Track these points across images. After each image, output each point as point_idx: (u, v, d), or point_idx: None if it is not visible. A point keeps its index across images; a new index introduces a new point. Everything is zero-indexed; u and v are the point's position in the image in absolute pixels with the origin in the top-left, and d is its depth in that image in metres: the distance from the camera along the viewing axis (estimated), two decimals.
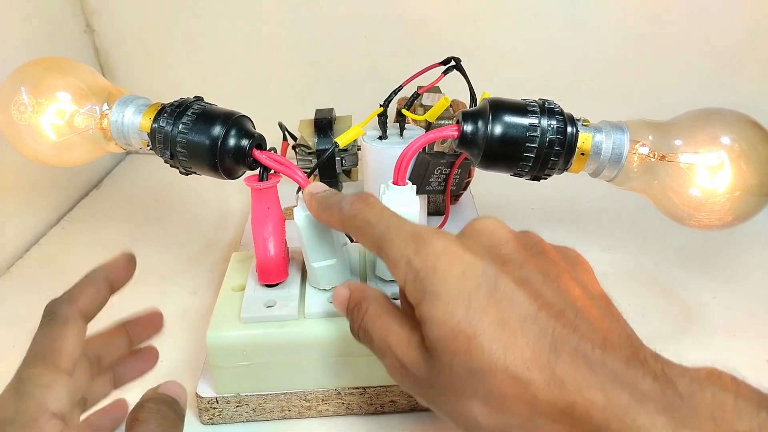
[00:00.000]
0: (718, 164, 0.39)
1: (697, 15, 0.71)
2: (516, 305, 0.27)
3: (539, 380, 0.25)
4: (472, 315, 0.27)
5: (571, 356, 0.25)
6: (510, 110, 0.39)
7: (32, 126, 0.44)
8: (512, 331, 0.26)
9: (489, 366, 0.26)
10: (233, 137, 0.41)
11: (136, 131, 0.44)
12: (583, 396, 0.24)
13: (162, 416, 0.32)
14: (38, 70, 0.46)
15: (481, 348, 0.26)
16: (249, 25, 0.75)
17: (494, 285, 0.28)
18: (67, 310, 0.34)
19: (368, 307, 0.33)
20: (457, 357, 0.27)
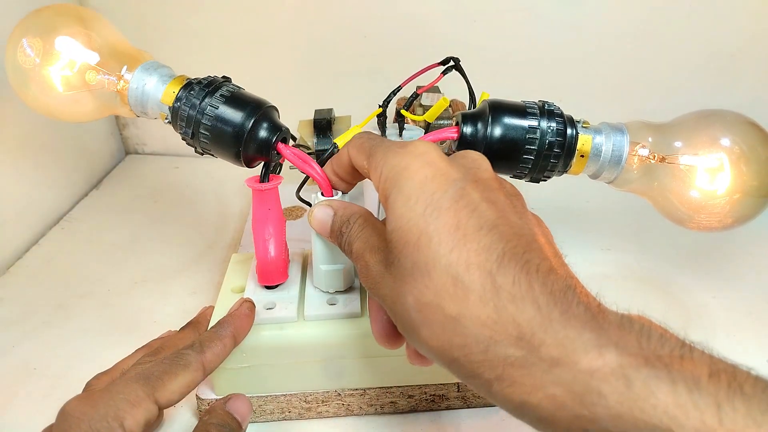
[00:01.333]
0: (718, 166, 0.39)
1: (696, 15, 0.70)
2: (476, 215, 0.27)
3: (476, 284, 0.26)
4: (430, 213, 0.28)
5: (514, 270, 0.26)
6: (509, 112, 0.39)
7: (41, 75, 0.42)
8: (464, 235, 0.27)
9: (431, 261, 0.27)
10: (262, 128, 0.40)
11: (156, 102, 0.42)
12: (516, 305, 0.25)
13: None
14: (57, 16, 0.44)
15: (429, 242, 0.27)
16: (248, 25, 0.75)
17: (460, 194, 0.28)
18: (194, 357, 0.37)
19: (356, 221, 0.34)
20: (406, 248, 0.28)
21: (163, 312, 0.54)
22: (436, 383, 0.42)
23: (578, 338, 0.24)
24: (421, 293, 0.27)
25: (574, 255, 0.58)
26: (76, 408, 0.33)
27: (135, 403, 0.33)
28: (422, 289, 0.27)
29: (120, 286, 0.58)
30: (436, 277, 0.26)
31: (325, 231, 0.37)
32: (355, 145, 0.35)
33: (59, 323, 0.53)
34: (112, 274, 0.60)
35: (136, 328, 0.52)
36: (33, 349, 0.51)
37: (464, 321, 0.26)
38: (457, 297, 0.26)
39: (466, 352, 0.26)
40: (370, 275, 0.31)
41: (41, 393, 0.46)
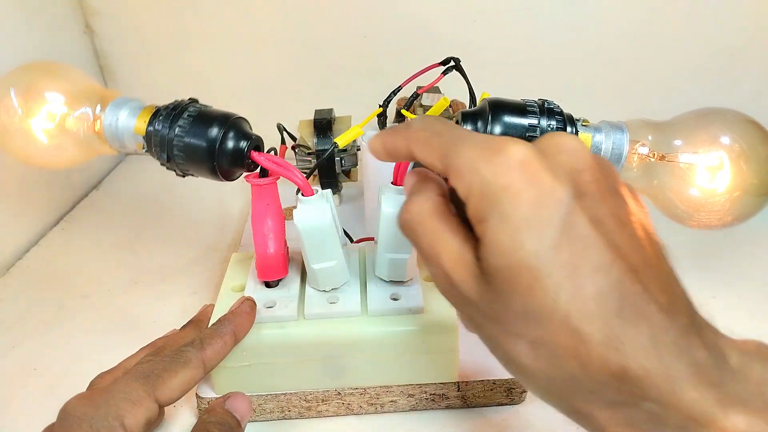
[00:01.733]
0: (717, 164, 0.39)
1: (696, 15, 0.71)
2: (591, 250, 0.24)
3: (598, 337, 0.23)
4: (544, 252, 0.24)
5: (635, 318, 0.23)
6: (509, 110, 0.39)
7: (23, 129, 0.44)
8: (583, 279, 0.24)
9: (550, 311, 0.24)
10: (231, 139, 0.40)
11: (130, 134, 0.43)
12: (640, 362, 0.23)
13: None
14: (29, 74, 0.46)
15: (546, 290, 0.24)
16: (248, 26, 0.75)
17: (571, 221, 0.24)
18: (194, 355, 0.37)
19: (425, 201, 0.29)
20: (516, 293, 0.24)
21: (163, 312, 0.54)
22: (436, 382, 0.42)
23: (704, 401, 0.23)
24: (536, 342, 0.25)
25: None
26: (76, 407, 0.33)
27: (135, 401, 0.33)
28: (537, 338, 0.25)
29: (120, 286, 0.58)
30: (554, 329, 0.24)
31: None
32: (420, 140, 0.29)
33: (59, 323, 0.53)
34: (112, 274, 0.60)
35: (136, 328, 0.52)
36: (33, 350, 0.50)
37: (585, 379, 0.24)
38: (579, 353, 0.24)
39: (587, 405, 0.25)
40: (455, 295, 0.28)
41: (41, 393, 0.46)
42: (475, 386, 0.42)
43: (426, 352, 0.41)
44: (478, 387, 0.42)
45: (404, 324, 0.40)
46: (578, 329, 0.23)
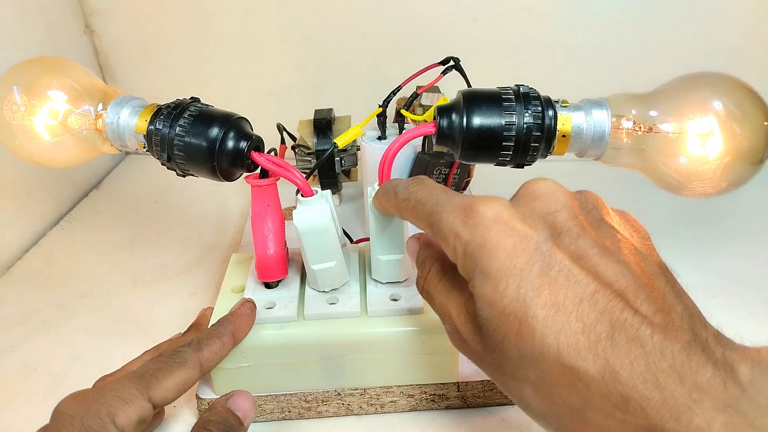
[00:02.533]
0: (707, 130, 0.38)
1: (697, 14, 0.71)
2: (572, 285, 0.25)
3: (593, 371, 0.23)
4: (524, 295, 0.25)
5: (628, 344, 0.23)
6: (484, 100, 0.38)
7: (25, 126, 0.44)
8: (567, 314, 0.24)
9: (540, 352, 0.24)
10: (231, 140, 0.40)
11: (132, 133, 0.43)
12: (639, 391, 0.22)
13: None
14: (32, 70, 0.45)
15: (533, 332, 0.24)
16: (248, 26, 0.75)
17: (548, 262, 0.25)
18: (190, 355, 0.37)
19: (431, 267, 0.32)
20: (508, 339, 0.25)
21: (162, 312, 0.54)
22: (436, 383, 0.42)
23: (710, 428, 0.21)
24: (537, 384, 0.25)
25: None
26: (68, 407, 0.33)
27: (127, 400, 0.33)
28: (537, 380, 0.25)
29: (120, 286, 0.58)
30: (549, 369, 0.24)
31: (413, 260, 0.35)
32: (407, 209, 0.32)
33: (59, 323, 0.53)
34: (112, 274, 0.60)
35: (136, 329, 0.52)
36: (33, 349, 0.51)
37: (590, 413, 0.24)
38: (578, 388, 0.24)
39: None
40: (466, 348, 0.29)
41: (41, 393, 0.46)
42: (475, 386, 0.42)
43: (426, 353, 0.41)
44: (478, 387, 0.42)
45: (404, 324, 0.40)
46: (571, 365, 0.24)
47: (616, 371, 0.23)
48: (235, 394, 0.38)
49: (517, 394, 0.27)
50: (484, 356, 0.28)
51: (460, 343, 0.29)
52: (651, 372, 0.23)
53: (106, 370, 0.40)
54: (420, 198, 0.31)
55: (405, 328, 0.40)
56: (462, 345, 0.29)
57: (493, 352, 0.27)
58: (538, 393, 0.25)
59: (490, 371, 0.28)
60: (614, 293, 0.25)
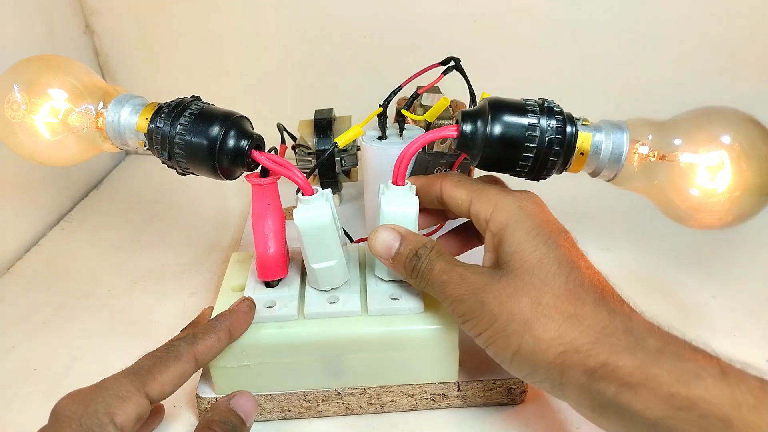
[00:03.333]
0: (718, 164, 0.39)
1: (696, 14, 0.71)
2: (582, 259, 0.36)
3: (592, 296, 0.33)
4: (550, 245, 0.35)
5: (616, 298, 0.34)
6: (509, 110, 0.39)
7: (26, 124, 0.44)
8: (579, 266, 0.34)
9: (552, 276, 0.34)
10: (232, 138, 0.40)
11: (132, 131, 0.43)
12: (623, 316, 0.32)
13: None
14: (32, 68, 0.45)
15: (551, 264, 0.34)
16: (249, 26, 0.75)
17: (570, 240, 0.36)
18: (185, 349, 0.37)
19: (434, 246, 0.38)
20: (526, 265, 0.34)
21: (162, 312, 0.54)
22: (437, 382, 0.42)
23: (678, 342, 0.31)
24: (539, 295, 0.33)
25: None
26: (66, 407, 0.33)
27: (125, 398, 0.33)
28: (541, 293, 0.33)
29: (120, 286, 0.58)
30: (557, 286, 0.33)
31: (388, 254, 0.39)
32: (453, 180, 0.41)
33: (59, 323, 0.53)
34: (112, 274, 0.60)
35: (137, 329, 0.52)
36: (33, 350, 0.51)
37: (581, 318, 0.32)
38: (576, 302, 0.32)
39: (575, 343, 0.32)
40: (469, 282, 0.35)
41: (42, 393, 0.46)
42: (475, 386, 0.42)
43: (426, 352, 0.41)
44: (478, 387, 0.42)
45: (404, 324, 0.40)
46: (578, 289, 0.33)
47: (608, 301, 0.33)
48: (237, 394, 0.38)
49: (512, 302, 0.34)
50: (487, 284, 0.35)
51: (460, 281, 0.36)
52: (627, 308, 0.33)
53: (106, 370, 0.39)
54: (468, 179, 0.41)
55: (405, 328, 0.40)
56: (462, 283, 0.36)
57: (503, 278, 0.35)
58: (536, 301, 0.33)
59: (487, 294, 0.34)
60: (598, 277, 0.35)
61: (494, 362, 0.39)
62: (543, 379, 0.33)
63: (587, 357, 0.31)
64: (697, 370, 0.29)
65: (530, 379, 0.34)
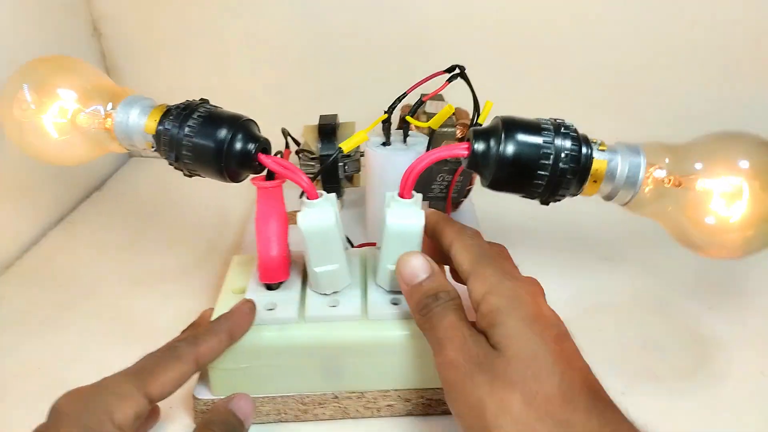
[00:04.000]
0: (735, 191, 0.38)
1: (700, 21, 0.71)
2: (576, 359, 0.34)
3: (583, 403, 0.31)
4: (543, 339, 0.33)
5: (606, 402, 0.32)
6: (524, 130, 0.37)
7: (35, 124, 0.44)
8: (570, 364, 0.33)
9: (545, 374, 0.31)
10: (239, 141, 0.40)
11: (140, 132, 0.43)
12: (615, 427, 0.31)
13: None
14: (42, 69, 0.46)
15: (544, 361, 0.32)
16: (255, 31, 0.75)
17: (564, 334, 0.34)
18: (186, 350, 0.37)
19: (456, 296, 0.37)
20: (520, 357, 0.32)
21: (163, 314, 0.54)
22: (434, 387, 0.42)
23: None
24: (533, 394, 0.31)
25: (573, 266, 0.59)
26: (66, 404, 0.33)
27: (124, 397, 0.33)
28: (533, 390, 0.31)
29: (121, 287, 0.58)
30: (550, 386, 0.31)
31: (411, 280, 0.38)
32: (463, 243, 0.39)
33: (60, 324, 0.53)
34: (113, 275, 0.60)
35: (137, 330, 0.52)
36: (33, 350, 0.51)
37: (570, 426, 0.30)
38: (568, 406, 0.31)
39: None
40: (470, 351, 0.34)
41: (41, 393, 0.45)
42: None
43: (424, 357, 0.41)
44: None
45: (404, 329, 0.40)
46: (568, 393, 0.31)
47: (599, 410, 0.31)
48: (236, 396, 0.38)
49: (503, 395, 0.31)
50: (482, 363, 0.33)
51: (460, 344, 0.34)
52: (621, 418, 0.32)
53: (106, 370, 0.39)
54: (480, 244, 0.39)
55: (405, 332, 0.40)
56: (460, 348, 0.34)
57: (496, 361, 0.32)
58: (529, 402, 0.31)
59: (476, 384, 0.33)
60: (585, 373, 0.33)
61: None
62: None
63: None
64: None
65: None
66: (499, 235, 0.63)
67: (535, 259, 0.60)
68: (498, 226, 0.65)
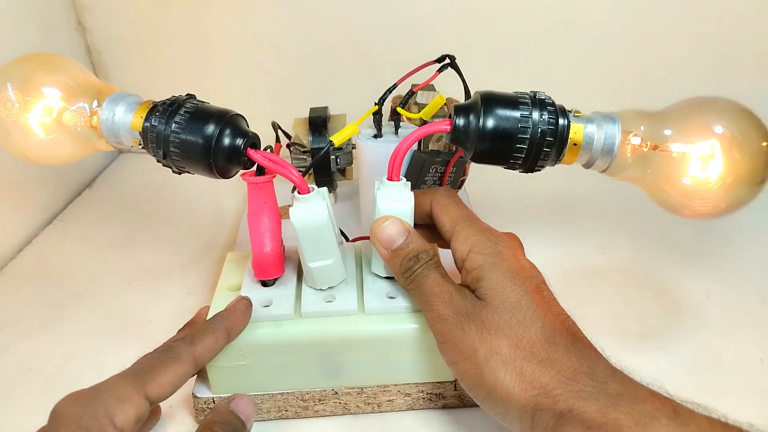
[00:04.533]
0: (710, 153, 0.39)
1: (692, 13, 0.71)
2: (554, 301, 0.37)
3: (563, 343, 0.34)
4: (524, 289, 0.36)
5: (585, 342, 0.35)
6: (502, 103, 0.39)
7: (20, 123, 0.43)
8: (551, 309, 0.36)
9: (529, 320, 0.35)
10: (227, 136, 0.40)
11: (127, 130, 0.43)
12: (591, 360, 0.34)
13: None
14: (26, 67, 0.45)
15: (527, 307, 0.35)
16: (242, 23, 0.75)
17: (540, 285, 0.37)
18: (184, 350, 0.37)
19: (435, 254, 0.39)
20: (504, 306, 0.35)
21: (158, 312, 0.54)
22: (434, 381, 0.42)
23: (636, 386, 0.33)
24: (518, 338, 0.34)
25: (569, 253, 0.59)
26: (66, 408, 0.33)
27: (124, 399, 0.33)
28: (519, 335, 0.34)
29: (114, 285, 0.58)
30: (534, 330, 0.35)
31: (389, 245, 0.40)
32: (440, 203, 0.42)
33: (54, 323, 0.53)
34: (107, 273, 0.59)
35: (131, 328, 0.52)
36: (28, 350, 0.50)
37: (553, 363, 0.33)
38: (550, 347, 0.34)
39: (547, 387, 0.33)
40: (456, 304, 0.37)
41: (37, 393, 0.46)
42: None
43: (423, 351, 0.41)
44: None
45: (401, 322, 0.40)
46: (551, 335, 0.35)
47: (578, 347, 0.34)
48: (237, 397, 0.38)
49: (491, 341, 0.34)
50: (469, 314, 0.36)
51: (448, 299, 0.37)
52: (596, 353, 0.35)
53: (101, 369, 0.39)
54: (456, 201, 0.42)
55: (402, 326, 0.40)
56: (448, 302, 0.37)
57: (482, 311, 0.35)
58: (515, 345, 0.34)
59: (468, 331, 0.35)
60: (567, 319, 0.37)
61: None
62: (513, 420, 0.34)
63: (556, 401, 0.32)
64: (653, 412, 0.31)
65: (501, 419, 0.35)
66: (492, 223, 0.63)
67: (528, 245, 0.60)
68: (492, 216, 0.65)
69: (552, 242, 0.61)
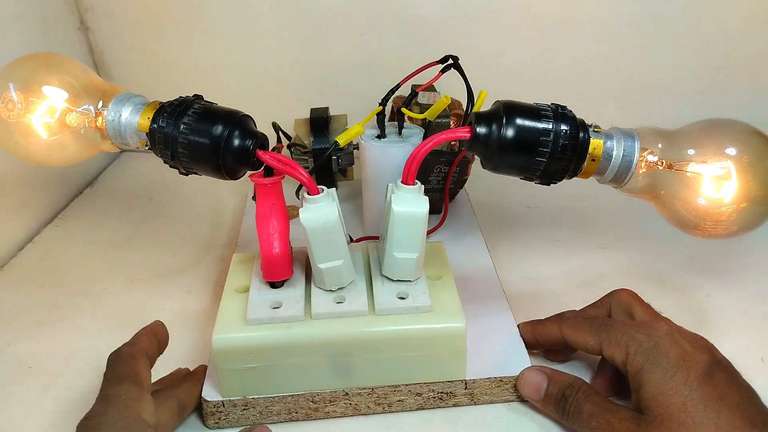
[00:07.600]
0: (724, 174, 0.38)
1: (691, 17, 0.69)
2: (731, 391, 0.33)
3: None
4: (689, 384, 0.32)
5: None
6: (524, 114, 0.37)
7: (22, 124, 0.41)
8: (727, 405, 0.32)
9: (699, 423, 0.31)
10: (236, 138, 0.38)
11: (133, 131, 0.40)
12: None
13: None
14: (29, 67, 0.42)
15: (695, 407, 0.32)
16: (244, 23, 0.72)
17: (710, 373, 0.33)
18: (130, 349, 0.36)
19: (581, 386, 0.38)
20: (670, 411, 0.32)
21: (158, 311, 0.51)
22: (444, 380, 0.40)
23: None
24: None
25: (571, 254, 0.57)
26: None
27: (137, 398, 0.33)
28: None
29: (115, 284, 0.55)
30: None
31: (537, 395, 0.39)
32: (572, 325, 0.40)
33: (54, 322, 0.51)
34: (107, 272, 0.57)
35: (131, 327, 0.48)
36: (28, 348, 0.48)
37: None
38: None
39: None
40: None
41: (36, 392, 0.43)
42: (482, 384, 0.40)
43: (434, 351, 0.39)
44: (486, 385, 0.40)
45: (412, 322, 0.38)
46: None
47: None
48: (256, 429, 0.36)
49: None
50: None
51: (608, 429, 0.35)
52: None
53: (101, 368, 0.37)
54: (587, 316, 0.41)
55: (413, 326, 0.38)
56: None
57: (650, 425, 0.33)
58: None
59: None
60: (758, 411, 0.33)
61: (501, 359, 0.41)
62: None
63: None
64: None
65: None
66: (494, 224, 0.62)
67: (530, 245, 0.59)
68: (492, 215, 0.63)
69: (552, 242, 0.59)
